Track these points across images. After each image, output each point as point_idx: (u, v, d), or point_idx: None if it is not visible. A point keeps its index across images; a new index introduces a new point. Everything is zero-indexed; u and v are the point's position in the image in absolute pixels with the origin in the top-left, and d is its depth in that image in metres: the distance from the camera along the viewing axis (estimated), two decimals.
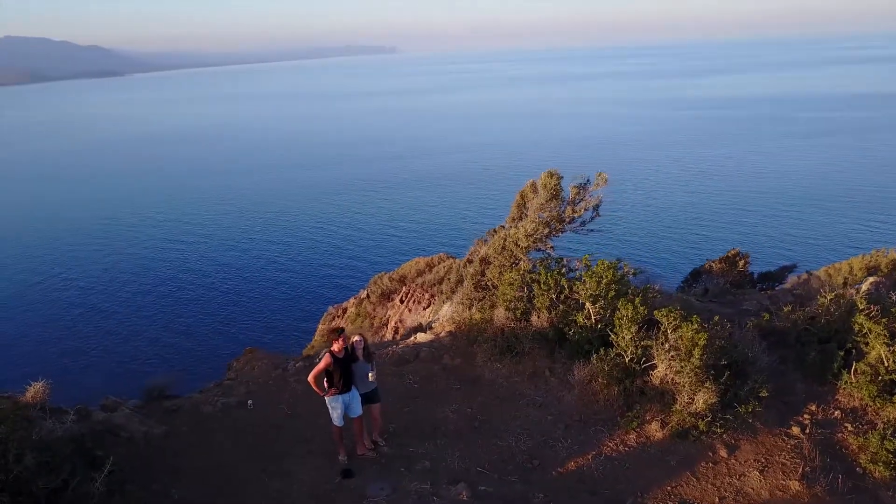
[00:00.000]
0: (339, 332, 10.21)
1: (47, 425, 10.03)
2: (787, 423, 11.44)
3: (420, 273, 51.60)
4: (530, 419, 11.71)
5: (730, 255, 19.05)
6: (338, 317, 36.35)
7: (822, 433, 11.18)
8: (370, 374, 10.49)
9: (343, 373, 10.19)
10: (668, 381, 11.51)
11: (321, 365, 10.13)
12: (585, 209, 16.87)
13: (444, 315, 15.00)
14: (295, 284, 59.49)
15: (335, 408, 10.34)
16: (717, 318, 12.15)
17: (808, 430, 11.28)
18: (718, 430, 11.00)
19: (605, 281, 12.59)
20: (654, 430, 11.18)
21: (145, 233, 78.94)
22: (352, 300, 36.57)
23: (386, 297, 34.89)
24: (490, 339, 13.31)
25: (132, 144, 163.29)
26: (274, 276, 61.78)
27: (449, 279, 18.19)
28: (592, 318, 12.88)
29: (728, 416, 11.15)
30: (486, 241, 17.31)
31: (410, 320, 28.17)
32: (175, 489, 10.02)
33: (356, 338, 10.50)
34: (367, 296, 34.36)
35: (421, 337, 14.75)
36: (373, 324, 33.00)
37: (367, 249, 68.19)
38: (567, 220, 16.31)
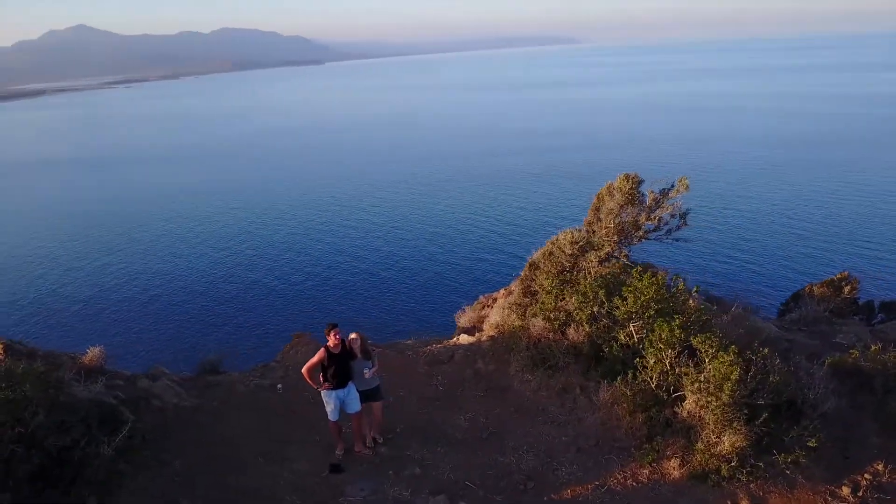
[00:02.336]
0: (332, 327, 10.26)
1: (76, 389, 11.05)
2: (840, 481, 9.86)
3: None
4: (543, 437, 11.07)
5: (836, 278, 16.65)
6: (488, 306, 36.49)
7: (881, 499, 9.51)
8: (366, 372, 10.44)
9: (338, 368, 10.25)
10: (696, 416, 10.34)
11: (314, 359, 10.27)
12: (670, 216, 15.70)
13: (492, 319, 14.56)
14: (446, 274, 60.40)
15: (328, 403, 10.44)
16: (765, 350, 10.67)
17: (861, 493, 9.65)
18: (744, 477, 9.73)
19: (642, 298, 11.53)
20: (672, 467, 10.11)
21: (318, 216, 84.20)
22: (502, 291, 36.31)
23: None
24: (525, 349, 12.73)
25: (317, 130, 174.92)
26: (420, 267, 63.06)
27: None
28: (635, 336, 11.88)
29: (760, 464, 9.82)
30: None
31: None
32: (180, 460, 10.67)
33: (353, 335, 10.50)
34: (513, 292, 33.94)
35: (464, 338, 14.47)
36: None
37: (528, 242, 66.93)
38: (642, 226, 15.19)
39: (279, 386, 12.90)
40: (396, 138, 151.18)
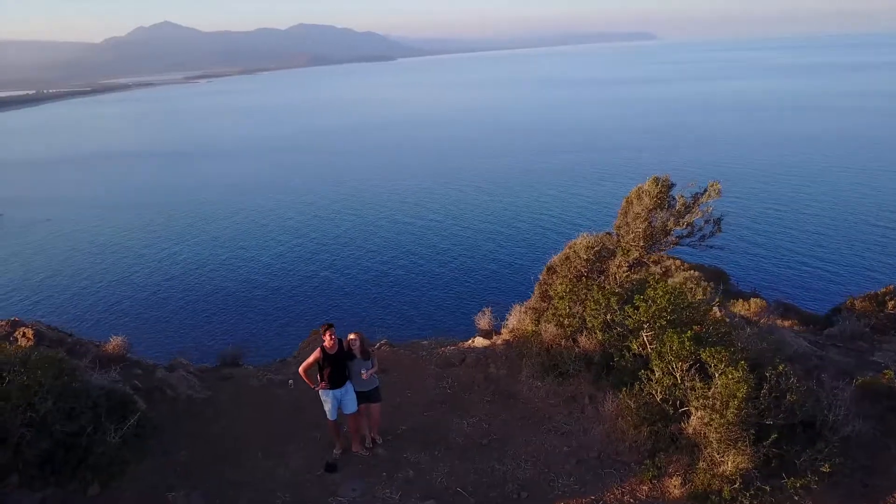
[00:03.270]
0: (328, 327, 10.29)
1: (92, 377, 11.44)
2: None
3: (637, 271, 49.58)
4: (544, 447, 10.81)
5: (880, 292, 15.58)
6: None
7: None
8: (364, 373, 10.42)
9: (334, 369, 10.26)
10: (700, 434, 9.89)
11: (310, 359, 10.32)
12: (704, 222, 15.11)
13: (509, 323, 14.32)
14: (501, 271, 60.16)
15: (326, 402, 10.48)
16: (780, 366, 10.09)
17: None
18: (747, 500, 9.22)
19: (654, 308, 11.10)
20: (674, 485, 9.69)
21: (377, 211, 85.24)
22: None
23: None
24: (536, 355, 12.47)
25: (383, 126, 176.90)
26: (477, 265, 62.92)
27: None
28: (648, 346, 11.45)
29: (766, 487, 9.31)
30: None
31: None
32: (184, 450, 10.94)
33: (352, 336, 10.49)
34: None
35: (479, 341, 14.28)
36: None
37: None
38: (671, 232, 14.66)
39: (290, 382, 13.06)
40: (460, 134, 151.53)
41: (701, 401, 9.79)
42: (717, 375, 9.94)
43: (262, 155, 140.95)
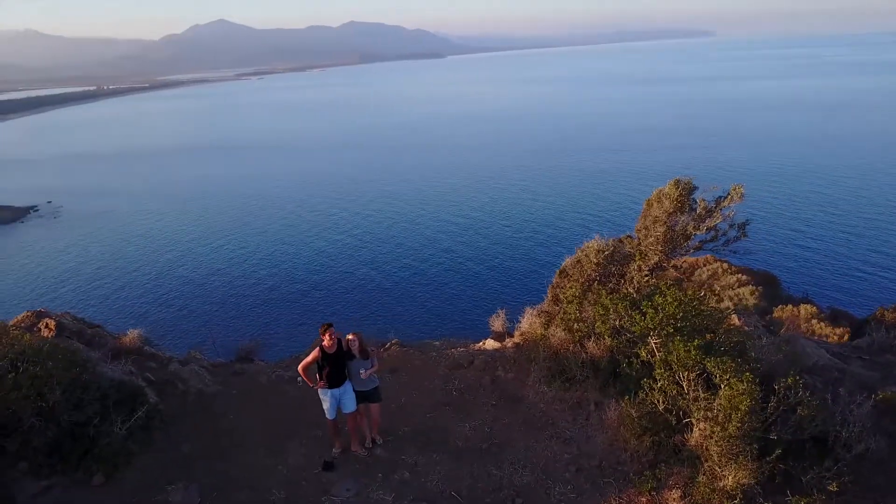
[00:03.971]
0: (328, 327, 10.31)
1: (104, 369, 11.73)
2: None
3: (682, 273, 48.42)
4: (545, 453, 10.64)
5: None
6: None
7: None
8: (362, 372, 10.41)
9: (333, 368, 10.29)
10: (701, 446, 9.59)
11: (309, 358, 10.37)
12: (728, 227, 14.68)
13: (522, 326, 14.13)
14: (539, 271, 59.73)
15: (324, 401, 10.52)
16: (790, 378, 9.71)
17: None
18: None
19: (661, 315, 10.80)
20: (672, 498, 9.41)
21: (416, 209, 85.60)
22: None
23: None
24: (543, 359, 12.29)
25: (432, 123, 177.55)
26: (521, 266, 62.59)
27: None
28: (656, 354, 11.16)
29: None
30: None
31: None
32: (189, 444, 11.12)
33: (351, 335, 10.49)
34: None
35: (490, 343, 14.14)
36: None
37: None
38: (691, 236, 14.28)
39: (299, 379, 13.11)
40: (509, 132, 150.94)
41: (703, 412, 9.50)
42: (723, 386, 9.64)
43: (312, 151, 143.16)
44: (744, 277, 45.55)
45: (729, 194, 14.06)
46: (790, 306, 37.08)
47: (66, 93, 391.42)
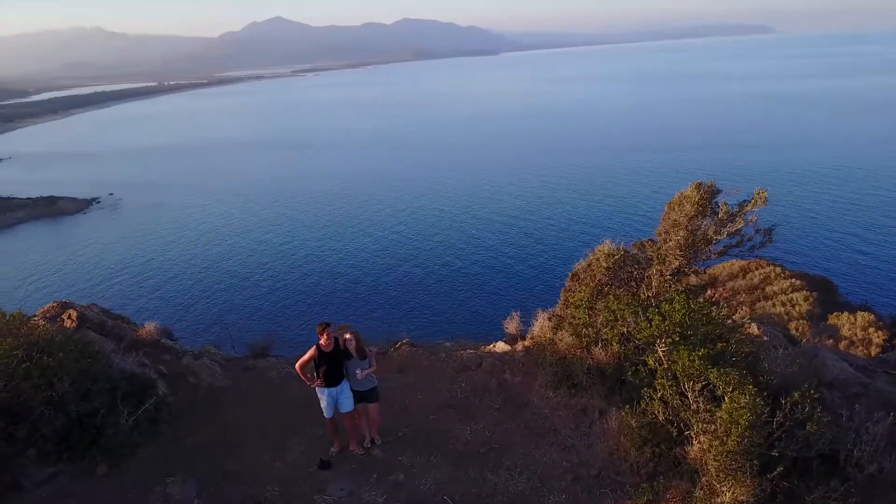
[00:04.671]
0: (325, 326, 10.32)
1: (116, 360, 12.02)
2: None
3: (732, 277, 47.07)
4: (543, 460, 10.45)
5: None
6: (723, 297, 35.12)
7: None
8: (359, 372, 10.40)
9: (329, 367, 10.31)
10: (701, 460, 9.26)
11: (306, 356, 10.41)
12: (754, 231, 14.20)
13: (534, 329, 13.90)
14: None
15: (322, 399, 10.55)
16: (797, 394, 9.29)
17: None
18: None
19: (667, 322, 10.46)
20: None
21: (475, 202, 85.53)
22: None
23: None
24: (550, 364, 12.07)
25: (483, 119, 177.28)
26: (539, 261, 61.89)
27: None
28: (664, 361, 10.83)
29: None
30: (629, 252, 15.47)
31: None
32: (192, 437, 11.32)
33: (348, 335, 10.49)
34: None
35: (500, 346, 13.97)
36: None
37: None
38: (712, 241, 13.84)
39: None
40: (554, 130, 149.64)
41: (703, 425, 9.18)
42: (725, 399, 9.29)
43: (361, 148, 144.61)
44: (798, 282, 44.00)
45: (752, 199, 13.57)
46: (846, 313, 35.68)
47: (129, 89, 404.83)
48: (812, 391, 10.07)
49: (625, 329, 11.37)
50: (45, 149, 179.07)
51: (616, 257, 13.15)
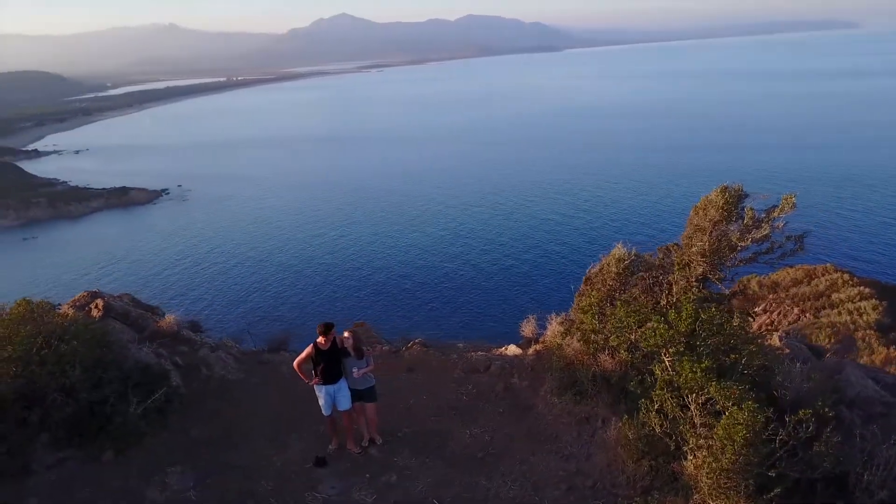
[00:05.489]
0: (327, 328, 10.36)
1: (132, 351, 12.38)
2: None
3: (796, 283, 45.19)
4: (539, 468, 10.25)
5: None
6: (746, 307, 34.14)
7: None
8: (355, 371, 10.42)
9: (326, 365, 10.36)
10: (695, 476, 8.91)
11: (303, 354, 10.50)
12: (785, 238, 13.61)
13: (546, 332, 13.65)
14: None
15: (319, 397, 10.62)
16: (802, 412, 8.82)
17: None
18: None
19: (671, 331, 10.09)
20: None
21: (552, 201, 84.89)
22: None
23: (751, 302, 31.53)
24: (557, 370, 11.83)
25: (548, 116, 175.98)
26: None
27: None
28: (665, 372, 10.47)
29: None
30: (654, 256, 15.02)
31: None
32: (198, 428, 11.56)
33: (346, 334, 10.51)
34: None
35: (511, 349, 13.78)
36: None
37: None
38: (737, 247, 13.31)
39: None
40: (618, 128, 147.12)
41: (699, 440, 8.83)
42: (725, 414, 8.91)
43: (420, 143, 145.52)
44: (867, 290, 41.78)
45: (780, 204, 12.98)
46: None
47: (199, 84, 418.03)
48: (826, 409, 9.61)
49: (632, 336, 11.05)
50: (120, 141, 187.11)
51: (626, 262, 12.79)
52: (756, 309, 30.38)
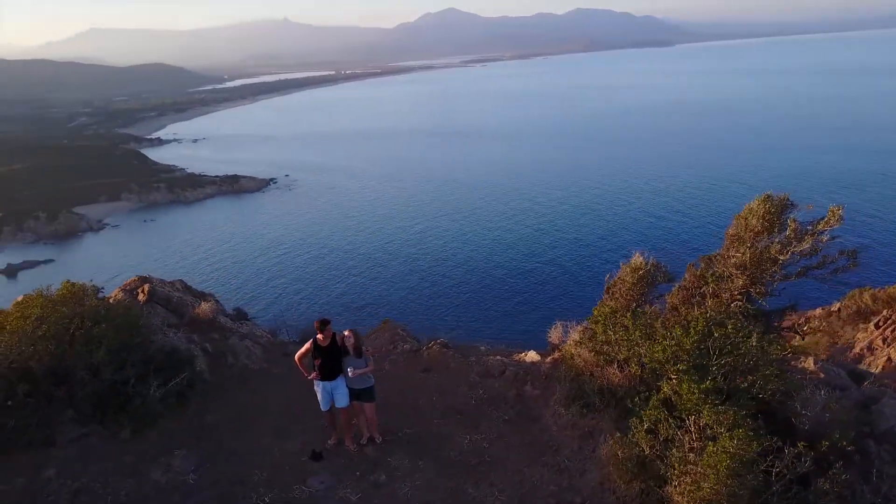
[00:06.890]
0: (323, 324, 10.49)
1: (160, 336, 12.99)
2: None
3: None
4: (532, 480, 9.96)
5: None
6: (799, 323, 32.22)
7: None
8: (351, 370, 10.48)
9: (325, 361, 10.48)
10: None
11: (303, 349, 10.67)
12: (838, 254, 12.63)
13: (568, 340, 13.18)
14: None
15: (317, 392, 10.76)
16: (801, 444, 8.11)
17: None
18: None
19: (675, 348, 9.52)
20: None
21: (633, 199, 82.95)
22: (819, 311, 31.60)
23: (862, 316, 29.80)
24: (566, 380, 11.45)
25: (654, 113, 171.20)
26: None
27: None
28: (666, 390, 9.91)
29: None
30: (695, 265, 14.25)
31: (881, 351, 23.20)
32: (211, 415, 12.00)
33: (347, 332, 10.57)
34: (839, 310, 29.72)
35: (531, 356, 13.42)
36: (836, 343, 27.73)
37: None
38: (779, 261, 12.42)
39: None
40: (723, 128, 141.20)
41: (685, 466, 8.31)
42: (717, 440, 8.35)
43: (517, 139, 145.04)
44: None
45: (826, 217, 11.99)
46: None
47: (310, 77, 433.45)
48: (844, 442, 8.87)
49: (641, 350, 10.54)
50: (234, 131, 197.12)
51: (641, 272, 12.19)
52: (871, 321, 28.01)
